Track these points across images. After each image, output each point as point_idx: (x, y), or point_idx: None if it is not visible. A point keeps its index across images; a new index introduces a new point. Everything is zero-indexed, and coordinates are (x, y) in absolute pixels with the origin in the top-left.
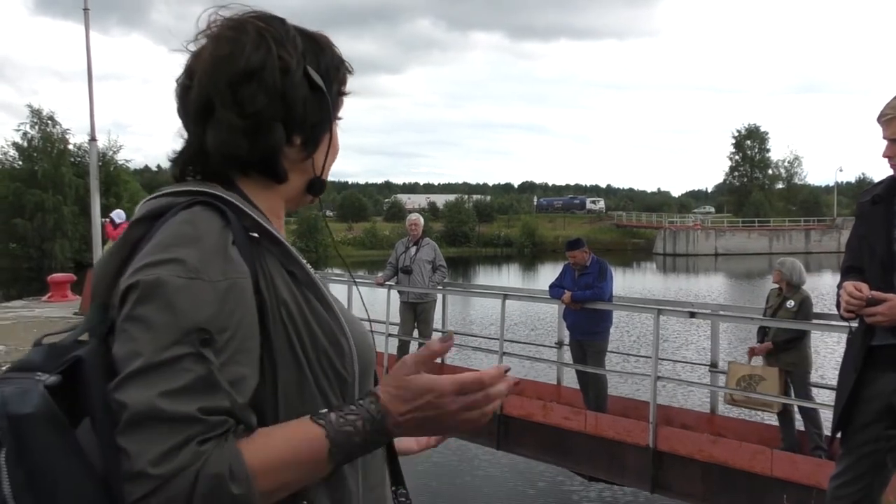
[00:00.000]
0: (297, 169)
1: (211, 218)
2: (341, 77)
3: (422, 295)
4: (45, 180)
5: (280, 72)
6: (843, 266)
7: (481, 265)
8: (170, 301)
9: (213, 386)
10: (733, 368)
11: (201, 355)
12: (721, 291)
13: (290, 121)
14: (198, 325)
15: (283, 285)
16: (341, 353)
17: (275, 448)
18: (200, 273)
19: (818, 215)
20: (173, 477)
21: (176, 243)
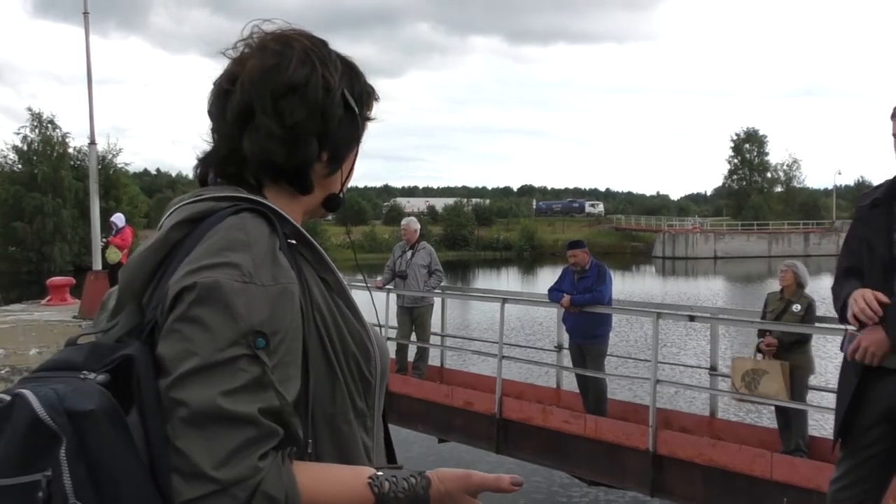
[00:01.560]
0: (319, 183)
1: (259, 224)
2: (370, 103)
3: (417, 299)
4: (44, 184)
5: (322, 90)
6: (840, 266)
7: (480, 269)
8: (228, 303)
9: (267, 387)
10: (737, 363)
11: (256, 357)
12: (720, 294)
13: (324, 137)
14: (253, 327)
15: (317, 291)
16: (368, 357)
17: (327, 493)
18: (254, 277)
19: (817, 218)
20: (233, 485)
21: (230, 248)
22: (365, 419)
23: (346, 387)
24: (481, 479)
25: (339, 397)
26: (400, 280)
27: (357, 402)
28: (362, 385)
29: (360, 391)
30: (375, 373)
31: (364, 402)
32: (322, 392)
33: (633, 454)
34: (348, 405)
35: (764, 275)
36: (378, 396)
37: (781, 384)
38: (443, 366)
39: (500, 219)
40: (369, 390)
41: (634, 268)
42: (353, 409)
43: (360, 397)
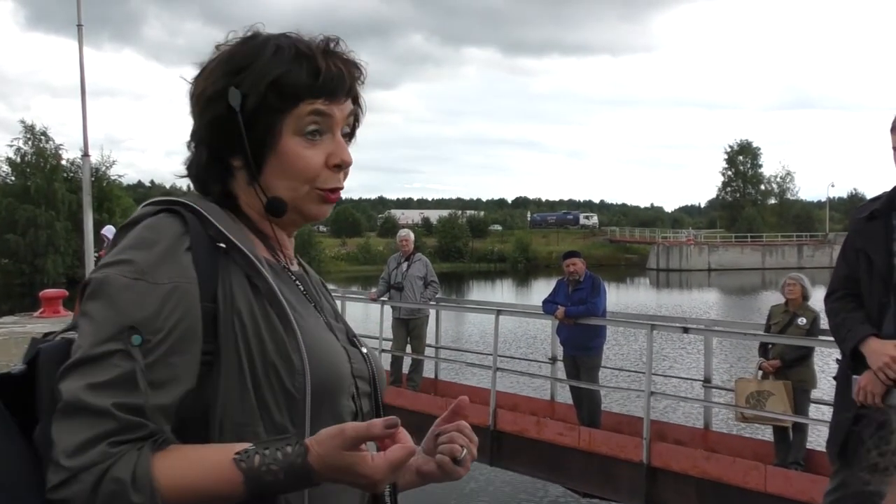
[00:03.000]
0: (246, 189)
1: (171, 224)
2: (286, 87)
3: (413, 311)
4: (37, 196)
5: (196, 98)
6: (837, 275)
7: (475, 280)
8: (112, 299)
9: (133, 384)
10: (741, 385)
11: (129, 353)
12: (714, 306)
13: (214, 140)
14: (133, 323)
15: (241, 295)
16: (291, 369)
17: (191, 474)
18: (146, 275)
19: (810, 231)
20: (81, 472)
21: (131, 246)
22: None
23: (260, 396)
24: (355, 429)
25: (246, 407)
26: (396, 292)
27: (274, 416)
28: (284, 398)
29: (281, 405)
30: (302, 388)
31: (286, 418)
32: (231, 400)
33: (627, 466)
34: (257, 416)
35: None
36: (308, 414)
37: (787, 405)
38: (437, 378)
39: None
40: (294, 405)
41: (629, 280)
42: (266, 422)
43: (280, 411)
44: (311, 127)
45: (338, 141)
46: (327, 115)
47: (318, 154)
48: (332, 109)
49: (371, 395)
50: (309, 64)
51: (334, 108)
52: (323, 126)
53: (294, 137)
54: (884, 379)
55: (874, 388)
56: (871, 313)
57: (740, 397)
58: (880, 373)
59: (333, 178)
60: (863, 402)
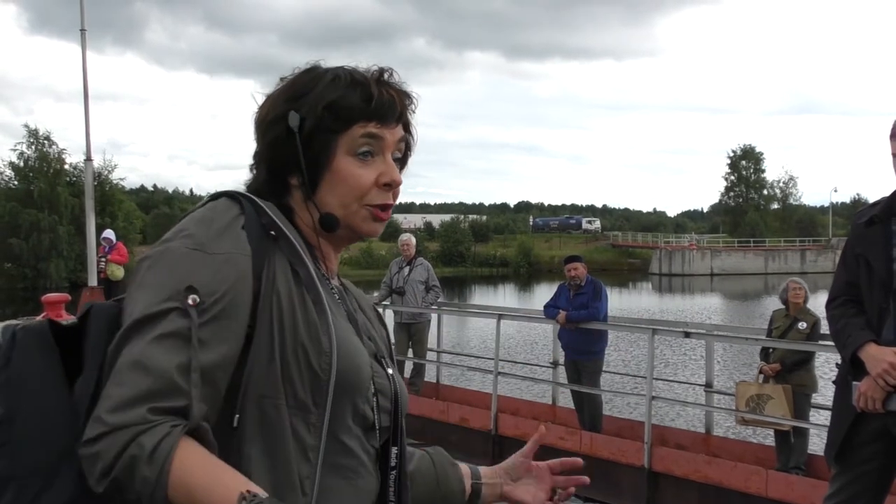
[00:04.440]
0: (303, 206)
1: (230, 206)
2: (341, 110)
3: (415, 315)
4: (41, 200)
5: (259, 122)
6: (838, 280)
7: (477, 285)
8: (172, 265)
9: (186, 340)
10: (741, 388)
11: (185, 311)
12: (717, 311)
13: (273, 161)
14: (190, 284)
15: (282, 278)
16: (319, 349)
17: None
18: (204, 246)
19: (813, 236)
20: (118, 429)
21: (191, 223)
22: (308, 414)
23: (283, 372)
24: None
25: (272, 379)
26: (397, 296)
27: (298, 392)
28: (309, 375)
29: (306, 382)
30: (327, 368)
31: (309, 395)
32: (258, 371)
33: (629, 471)
34: (281, 391)
35: (760, 292)
36: (333, 397)
37: (786, 409)
38: (439, 382)
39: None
40: (318, 385)
41: (631, 284)
42: (289, 397)
43: (304, 389)
44: (363, 148)
45: (388, 162)
46: (379, 137)
47: (370, 173)
48: (384, 133)
49: (391, 414)
50: (363, 90)
51: (385, 131)
52: (374, 148)
53: (347, 157)
54: (883, 385)
55: (874, 393)
56: (871, 319)
57: (741, 400)
58: (879, 379)
59: (383, 196)
60: (863, 407)
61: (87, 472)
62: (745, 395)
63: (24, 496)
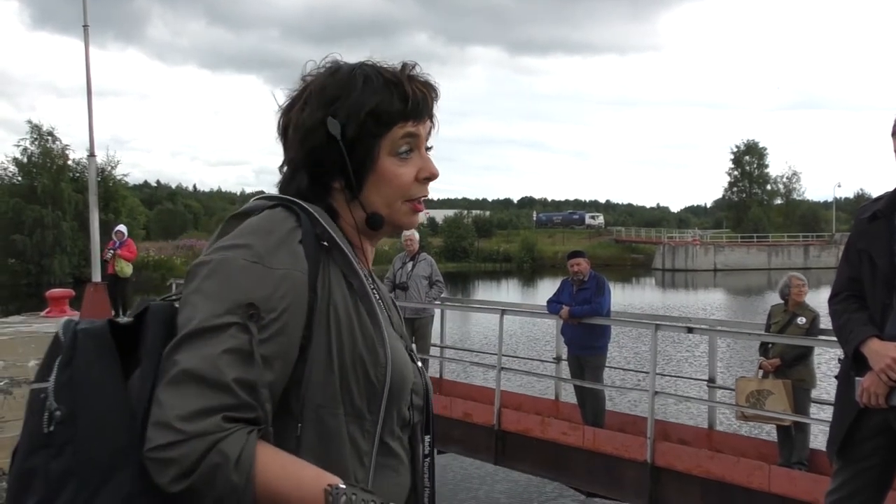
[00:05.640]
0: (349, 206)
1: (286, 218)
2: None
3: (419, 310)
4: (44, 196)
5: (296, 128)
6: (841, 275)
7: (480, 280)
8: (231, 277)
9: (249, 356)
10: (741, 384)
11: (246, 327)
12: (720, 307)
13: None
14: (250, 300)
15: (338, 290)
16: (376, 360)
17: (283, 481)
18: (263, 259)
19: (817, 231)
20: (194, 437)
21: (252, 232)
22: (363, 421)
23: (342, 383)
24: None
25: (330, 390)
26: (401, 291)
27: (356, 401)
28: (366, 385)
29: (363, 392)
30: (383, 378)
31: (365, 404)
32: (316, 382)
33: (631, 466)
34: (339, 400)
35: (763, 287)
36: (385, 405)
37: (786, 404)
38: (442, 377)
39: (500, 230)
40: (374, 394)
41: (634, 280)
42: (346, 406)
43: (361, 398)
44: (403, 147)
45: (425, 156)
46: (416, 135)
47: (411, 170)
48: (419, 129)
49: (423, 408)
50: (399, 91)
51: (420, 127)
52: (413, 145)
53: (389, 158)
54: (886, 380)
55: (877, 389)
56: (874, 314)
57: (741, 396)
58: (882, 374)
59: (423, 189)
60: (866, 403)
61: (155, 474)
62: (746, 391)
63: (84, 492)
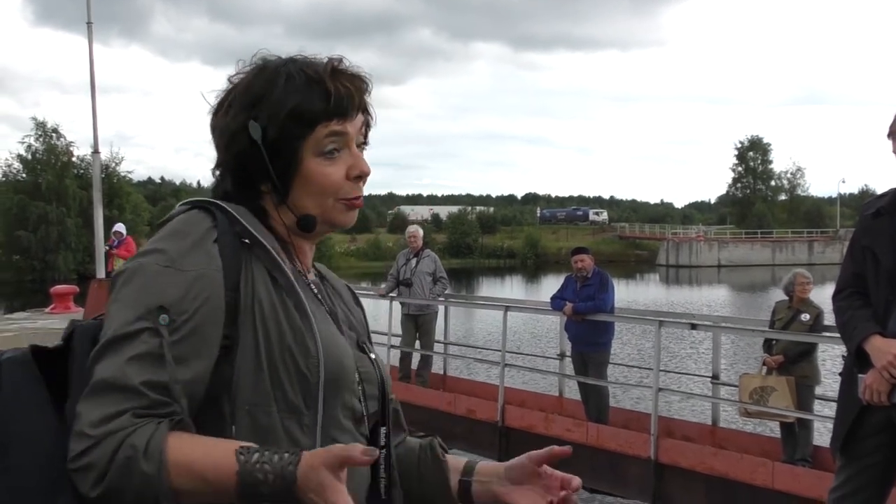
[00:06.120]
0: (281, 209)
1: (202, 219)
2: (304, 115)
3: (422, 307)
4: (48, 192)
5: (219, 131)
6: (845, 271)
7: (484, 277)
8: (143, 284)
9: (160, 360)
10: (745, 381)
11: (157, 331)
12: (724, 303)
13: (240, 171)
14: (161, 304)
15: (262, 286)
16: (306, 352)
17: (195, 455)
18: (175, 262)
19: (821, 227)
20: (104, 438)
21: (164, 237)
22: (300, 415)
23: (273, 379)
24: (339, 449)
25: (261, 387)
26: (405, 288)
27: (289, 395)
28: (298, 378)
29: (295, 386)
30: (316, 370)
31: (300, 398)
32: (246, 381)
33: (635, 462)
34: (271, 396)
35: (767, 283)
36: (321, 396)
37: (790, 400)
38: (445, 373)
39: (504, 227)
40: (307, 387)
41: (638, 276)
42: (280, 402)
43: (296, 393)
44: (329, 147)
45: (354, 154)
46: (342, 133)
47: (339, 169)
48: (346, 127)
49: (379, 398)
50: (320, 89)
51: (347, 125)
52: (340, 143)
53: (315, 158)
54: (888, 377)
55: (880, 386)
56: (877, 311)
57: (744, 393)
58: (885, 371)
59: (354, 188)
60: (868, 400)
61: (79, 484)
62: (749, 388)
63: None
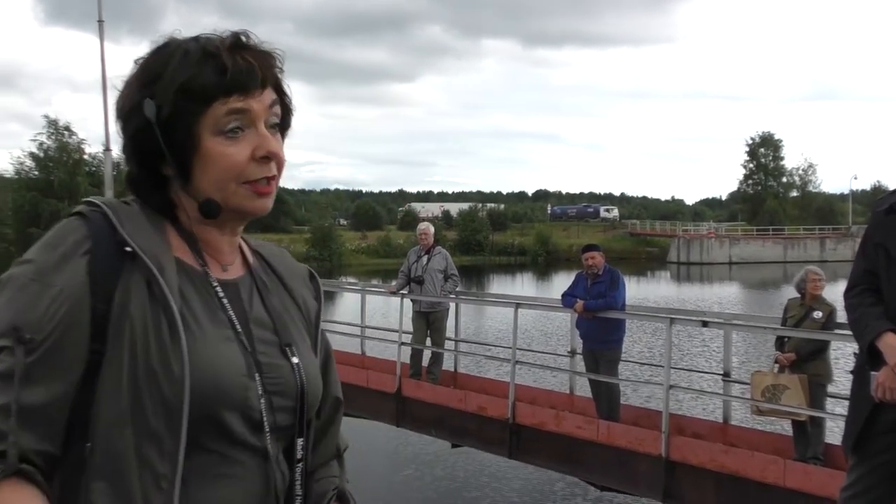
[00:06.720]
0: (187, 194)
1: (76, 228)
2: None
3: (434, 304)
4: (60, 190)
5: (118, 113)
6: (857, 268)
7: (495, 274)
8: (10, 297)
9: (8, 381)
10: (756, 378)
11: (12, 350)
12: (735, 300)
13: (140, 154)
14: (20, 323)
15: (137, 300)
16: (171, 377)
17: None
18: (42, 276)
19: (833, 223)
20: None
21: (38, 247)
22: (161, 442)
23: (133, 399)
24: None
25: (117, 408)
26: (416, 285)
27: (150, 422)
28: (161, 405)
29: (158, 412)
30: (180, 396)
31: (162, 424)
32: (105, 399)
33: (646, 460)
34: (128, 419)
35: (779, 280)
36: (185, 423)
37: (802, 398)
38: (456, 371)
39: (514, 224)
40: (171, 414)
41: (649, 273)
42: (138, 425)
43: (157, 418)
44: (231, 125)
45: (261, 133)
46: (244, 110)
47: (243, 149)
48: (249, 104)
49: (295, 409)
50: (215, 63)
51: (251, 101)
52: (243, 122)
53: (214, 138)
54: None
55: (892, 383)
56: (889, 308)
57: (756, 390)
58: None
59: (262, 170)
60: (881, 398)
61: None
62: (761, 386)
63: None
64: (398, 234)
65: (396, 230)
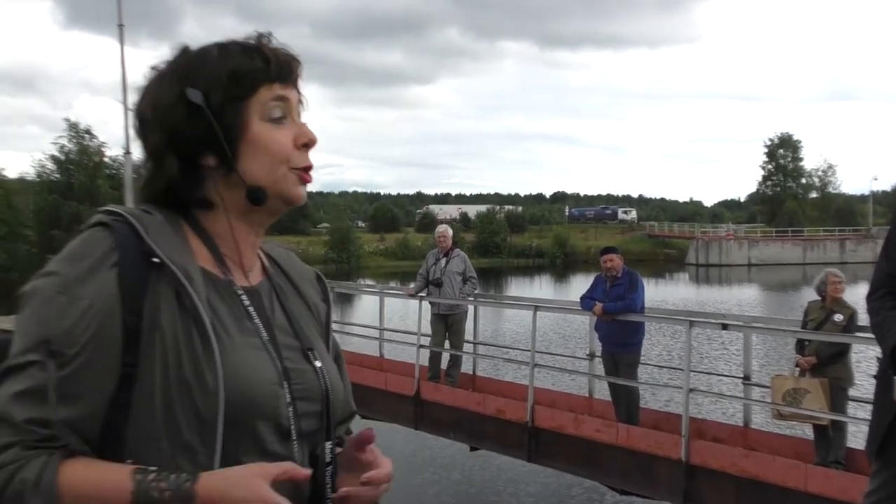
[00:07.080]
0: (229, 185)
1: (102, 239)
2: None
3: (452, 307)
4: (81, 192)
5: (151, 106)
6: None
7: (513, 276)
8: (36, 311)
9: (43, 396)
10: (777, 382)
11: (44, 365)
12: (754, 302)
13: (182, 145)
14: (50, 336)
15: (167, 311)
16: (204, 389)
17: (88, 483)
18: (69, 289)
19: (853, 225)
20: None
21: (63, 258)
22: (195, 454)
23: (166, 413)
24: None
25: (152, 422)
26: (434, 287)
27: (184, 434)
28: (195, 418)
29: (192, 424)
30: (214, 409)
31: (196, 437)
32: (140, 412)
33: (666, 464)
34: (163, 432)
35: (799, 282)
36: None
37: (823, 402)
38: (475, 374)
39: (532, 226)
40: (204, 426)
41: (668, 275)
42: (173, 439)
43: (190, 431)
44: (275, 112)
45: (300, 123)
46: (286, 98)
47: (287, 135)
48: (288, 93)
49: (321, 413)
50: (258, 53)
51: (290, 92)
52: (285, 110)
53: (262, 122)
54: None
55: None
56: None
57: (777, 394)
58: None
59: (304, 158)
60: None
61: None
62: (782, 390)
63: None
64: (416, 237)
65: (414, 232)
